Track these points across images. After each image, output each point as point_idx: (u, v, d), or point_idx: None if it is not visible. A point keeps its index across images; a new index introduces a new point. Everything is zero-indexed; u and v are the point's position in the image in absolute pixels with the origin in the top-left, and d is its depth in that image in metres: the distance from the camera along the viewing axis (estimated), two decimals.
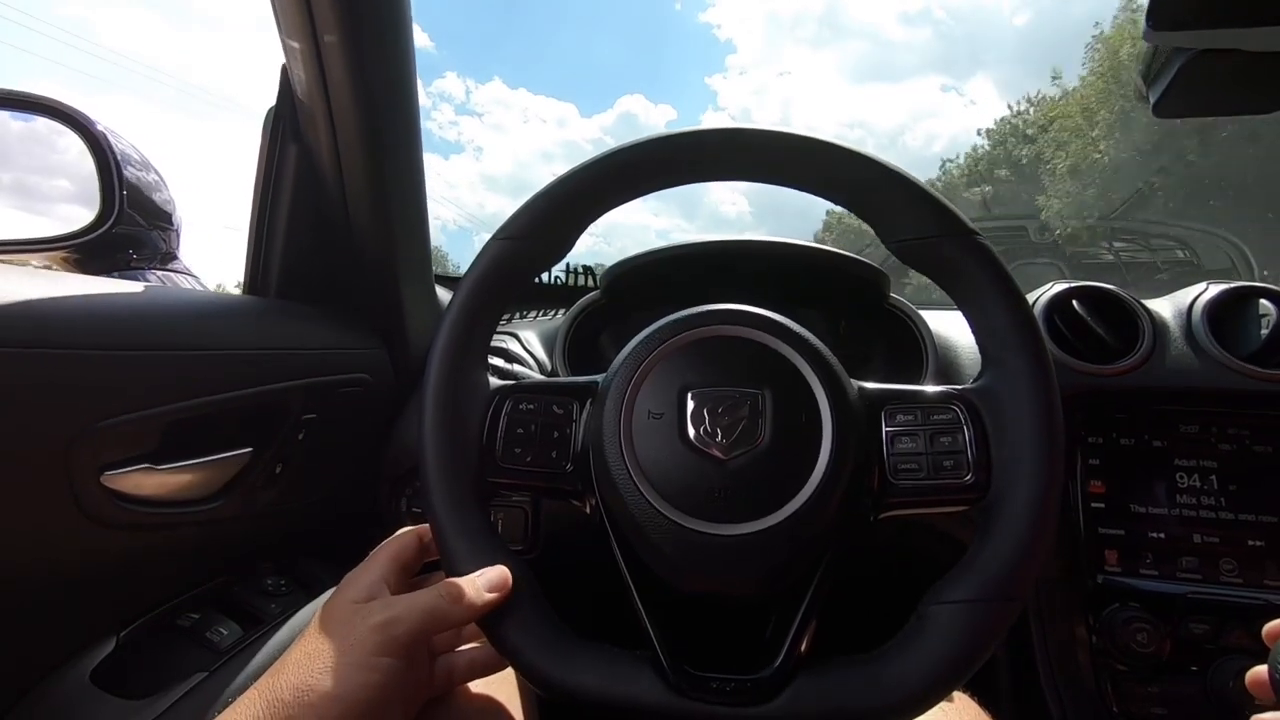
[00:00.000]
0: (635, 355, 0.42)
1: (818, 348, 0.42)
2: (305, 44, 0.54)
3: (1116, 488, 0.64)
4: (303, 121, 0.62)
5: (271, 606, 0.60)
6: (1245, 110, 0.50)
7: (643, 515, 0.39)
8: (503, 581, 0.39)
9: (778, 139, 0.43)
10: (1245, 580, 0.60)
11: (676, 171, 0.44)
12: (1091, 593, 0.62)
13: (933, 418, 0.41)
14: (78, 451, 0.44)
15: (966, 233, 0.41)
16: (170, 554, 0.56)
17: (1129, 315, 0.67)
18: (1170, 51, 0.43)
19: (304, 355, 0.63)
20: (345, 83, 0.56)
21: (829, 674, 0.37)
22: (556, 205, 0.44)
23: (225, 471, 0.57)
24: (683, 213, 45.99)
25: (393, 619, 0.37)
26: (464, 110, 52.00)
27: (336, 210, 0.66)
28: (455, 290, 0.44)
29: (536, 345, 0.76)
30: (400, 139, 0.63)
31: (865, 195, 0.43)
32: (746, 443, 0.39)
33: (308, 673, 0.35)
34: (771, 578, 0.39)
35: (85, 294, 0.46)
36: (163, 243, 0.89)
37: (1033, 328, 0.40)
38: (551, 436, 0.43)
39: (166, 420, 0.49)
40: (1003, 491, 0.38)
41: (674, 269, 0.75)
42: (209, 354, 0.53)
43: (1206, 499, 0.62)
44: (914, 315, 0.73)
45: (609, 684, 0.37)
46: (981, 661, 0.36)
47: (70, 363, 0.43)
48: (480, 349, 0.44)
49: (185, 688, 0.50)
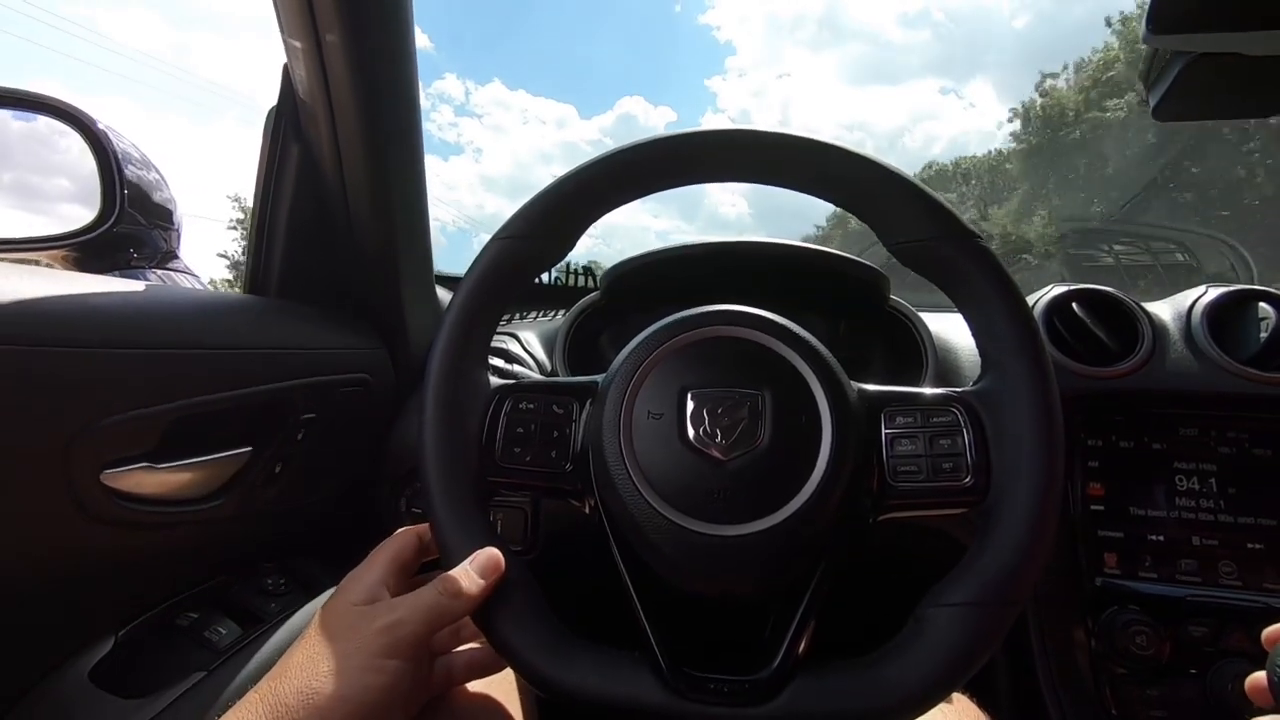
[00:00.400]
0: (635, 356, 0.42)
1: (818, 349, 0.42)
2: (307, 43, 0.54)
3: (1116, 490, 0.64)
4: (304, 120, 0.62)
5: (271, 606, 0.60)
6: (1245, 114, 0.50)
7: (642, 515, 0.39)
8: (494, 564, 0.39)
9: (777, 140, 0.43)
10: (1245, 583, 0.60)
11: (676, 172, 0.44)
12: (1090, 595, 0.62)
13: (932, 420, 0.41)
14: (78, 450, 0.44)
15: (966, 235, 0.41)
16: (170, 553, 0.56)
17: (1129, 318, 0.67)
18: (1170, 55, 0.43)
19: (304, 355, 0.63)
20: (346, 81, 0.56)
21: (827, 675, 0.37)
22: (556, 205, 0.44)
23: (225, 471, 0.57)
24: (682, 214, 46.04)
25: (397, 621, 0.37)
26: (463, 111, 52.10)
27: (337, 209, 0.66)
28: (455, 290, 0.44)
29: (536, 346, 0.76)
30: (401, 138, 0.63)
31: (864, 197, 0.43)
32: (746, 444, 0.39)
33: (312, 676, 0.35)
34: (770, 579, 0.39)
35: (85, 292, 0.46)
36: (163, 242, 0.89)
37: (1032, 330, 0.40)
38: (551, 436, 0.43)
39: (167, 419, 0.49)
40: (1002, 494, 0.38)
41: (674, 270, 0.75)
42: (209, 353, 0.53)
43: (1206, 502, 0.62)
44: (914, 317, 0.73)
45: (607, 684, 0.37)
46: (980, 665, 0.36)
47: (70, 361, 0.43)
48: (480, 349, 0.44)
49: (184, 687, 0.50)
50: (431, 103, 44.93)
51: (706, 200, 43.37)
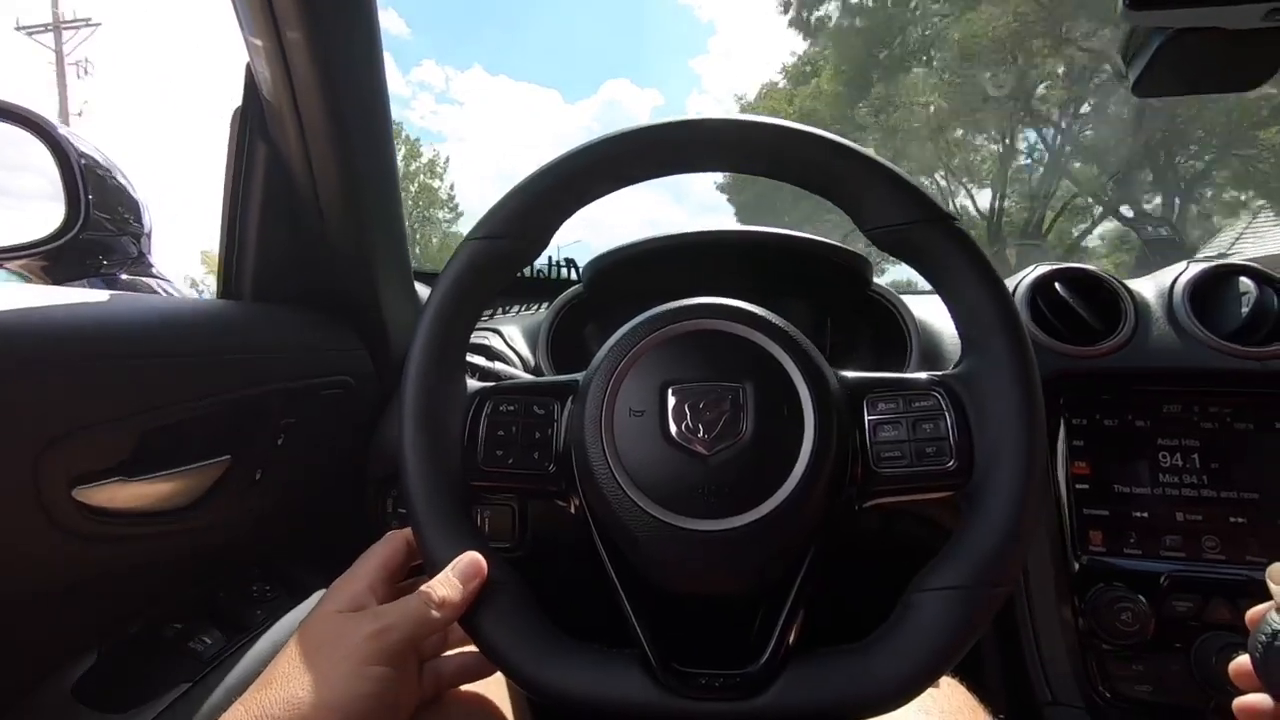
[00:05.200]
0: (614, 353, 0.42)
1: (797, 339, 0.41)
2: (268, 41, 0.53)
3: (1100, 468, 0.64)
4: (270, 120, 0.61)
5: (256, 613, 0.59)
6: (1225, 88, 0.50)
7: (627, 514, 0.38)
8: (476, 568, 0.39)
9: (750, 128, 0.42)
10: (1228, 557, 0.60)
11: (653, 163, 0.44)
12: (1077, 573, 0.62)
13: (914, 404, 0.41)
14: (46, 466, 0.43)
15: (942, 218, 0.41)
16: (151, 565, 0.55)
17: (1111, 296, 0.67)
18: (1149, 31, 0.42)
19: (282, 358, 0.62)
20: (311, 79, 0.55)
21: (817, 665, 0.37)
22: (529, 203, 0.43)
23: (204, 480, 0.56)
24: (673, 196, 45.80)
25: (385, 628, 0.36)
26: (444, 99, 51.22)
27: (309, 209, 0.64)
28: (430, 291, 0.43)
29: (519, 341, 0.76)
30: (370, 134, 0.61)
31: (839, 182, 0.43)
32: (729, 437, 0.39)
33: (299, 685, 0.34)
34: (758, 572, 0.39)
35: (45, 304, 0.45)
36: (133, 247, 0.87)
37: (1010, 311, 0.40)
38: (533, 438, 0.42)
39: (138, 431, 0.48)
40: (985, 476, 0.38)
41: (656, 260, 0.75)
42: (179, 360, 0.52)
43: (1189, 478, 0.63)
44: (897, 302, 0.73)
45: (596, 684, 0.37)
46: (968, 647, 0.36)
47: (33, 376, 0.42)
48: (458, 352, 0.44)
49: (169, 699, 0.50)
50: (411, 91, 44.30)
51: (695, 186, 43.14)
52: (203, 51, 45.85)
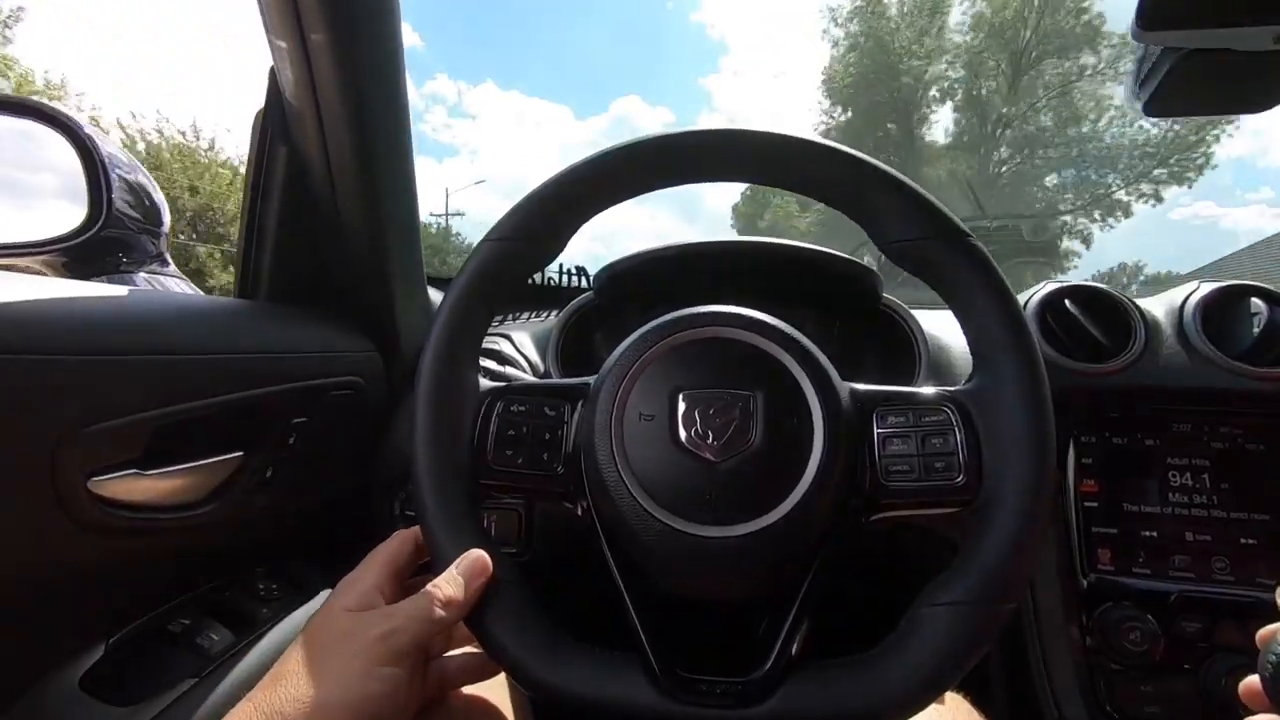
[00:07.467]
0: (626, 357, 0.42)
1: (809, 349, 0.42)
2: (292, 43, 0.54)
3: (1109, 487, 0.64)
4: (291, 122, 0.62)
5: (263, 611, 0.59)
6: (1235, 110, 0.50)
7: (634, 518, 0.39)
8: (481, 567, 0.39)
9: (767, 139, 0.42)
10: (1237, 578, 0.60)
11: (667, 172, 0.44)
12: (1084, 592, 0.62)
13: (924, 419, 0.41)
14: (63, 457, 0.44)
15: (957, 234, 0.41)
16: (160, 559, 0.56)
17: (1121, 314, 0.67)
18: (1160, 51, 0.43)
19: (295, 358, 0.62)
20: (334, 82, 0.55)
21: (820, 676, 0.37)
22: (546, 207, 0.44)
23: (215, 476, 0.56)
24: (684, 215, 46.07)
25: (395, 629, 0.37)
26: (457, 113, 51.95)
27: (327, 212, 0.65)
28: (446, 292, 0.44)
29: (529, 347, 0.76)
30: (390, 138, 0.62)
31: (855, 196, 0.43)
32: (738, 445, 0.39)
33: (309, 683, 0.34)
34: (763, 580, 0.39)
35: (67, 298, 0.46)
36: (152, 245, 0.88)
37: (1023, 329, 0.40)
38: (543, 438, 0.43)
39: (154, 425, 0.49)
40: (994, 493, 0.38)
41: (667, 269, 0.75)
42: (197, 358, 0.52)
43: (1199, 498, 0.62)
44: (907, 316, 0.73)
45: (599, 686, 0.37)
46: (973, 664, 0.36)
47: (53, 368, 0.43)
48: (471, 351, 0.44)
49: (175, 694, 0.50)
50: (425, 104, 44.89)
51: (708, 201, 43.27)
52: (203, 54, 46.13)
